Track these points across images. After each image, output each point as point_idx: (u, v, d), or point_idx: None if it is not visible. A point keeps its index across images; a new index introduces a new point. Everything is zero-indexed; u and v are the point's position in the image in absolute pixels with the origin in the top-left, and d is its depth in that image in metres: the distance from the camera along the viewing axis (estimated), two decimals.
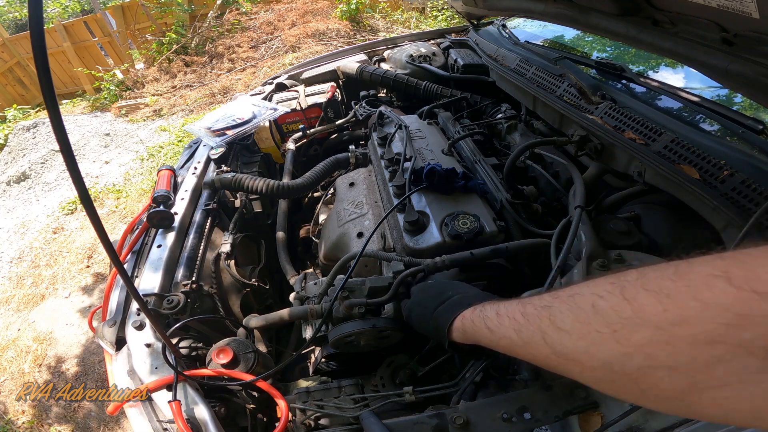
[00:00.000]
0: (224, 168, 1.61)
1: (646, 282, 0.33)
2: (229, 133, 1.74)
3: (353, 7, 6.74)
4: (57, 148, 3.93)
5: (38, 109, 7.50)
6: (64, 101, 7.67)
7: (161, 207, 1.36)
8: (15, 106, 7.36)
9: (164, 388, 0.90)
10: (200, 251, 1.33)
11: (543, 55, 1.67)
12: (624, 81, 1.43)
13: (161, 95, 6.51)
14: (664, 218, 1.07)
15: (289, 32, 6.74)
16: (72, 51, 7.73)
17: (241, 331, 1.20)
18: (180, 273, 1.22)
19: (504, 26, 2.14)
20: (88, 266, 3.48)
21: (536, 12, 1.52)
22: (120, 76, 7.26)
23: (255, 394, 1.03)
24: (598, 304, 0.36)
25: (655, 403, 0.32)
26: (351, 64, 2.26)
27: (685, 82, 1.38)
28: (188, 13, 7.19)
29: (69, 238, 3.90)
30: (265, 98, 2.08)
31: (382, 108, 1.78)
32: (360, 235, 1.22)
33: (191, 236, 1.34)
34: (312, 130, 1.95)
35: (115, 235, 3.55)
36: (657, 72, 1.52)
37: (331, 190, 1.56)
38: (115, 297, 1.13)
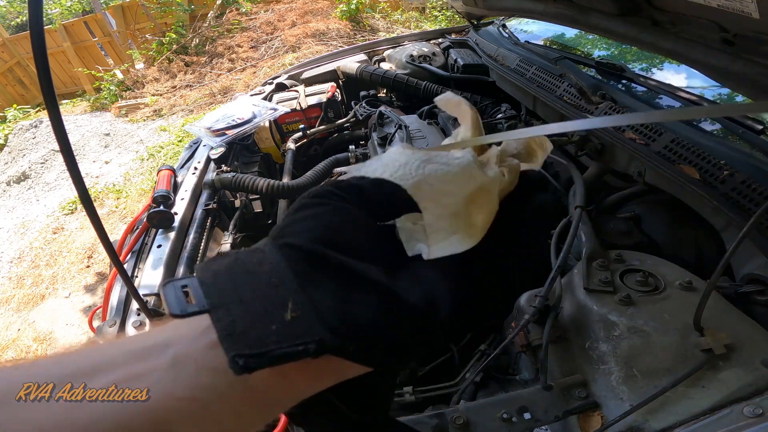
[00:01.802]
0: (224, 168, 1.61)
1: None
2: (229, 133, 1.74)
3: (353, 7, 6.73)
4: (57, 148, 3.93)
5: (38, 109, 7.50)
6: (64, 101, 7.67)
7: (161, 207, 1.36)
8: (15, 106, 7.36)
9: None
10: (200, 251, 1.33)
11: (543, 55, 1.67)
12: (624, 81, 1.43)
13: (161, 95, 6.51)
14: (664, 218, 1.07)
15: (289, 32, 6.73)
16: (72, 51, 7.73)
17: None
18: (180, 273, 1.22)
19: (504, 26, 2.14)
20: (88, 266, 3.48)
21: (536, 12, 1.52)
22: (120, 76, 7.25)
23: None
24: None
25: None
26: (351, 64, 2.26)
27: (685, 82, 1.38)
28: (188, 13, 7.18)
29: (69, 238, 3.89)
30: (265, 98, 2.08)
31: (382, 108, 1.78)
32: None
33: (191, 236, 1.34)
34: (312, 130, 1.95)
35: (115, 235, 3.55)
36: (657, 72, 1.52)
37: None
38: (115, 297, 1.13)
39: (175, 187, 1.53)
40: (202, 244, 1.36)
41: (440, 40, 2.45)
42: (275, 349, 0.19)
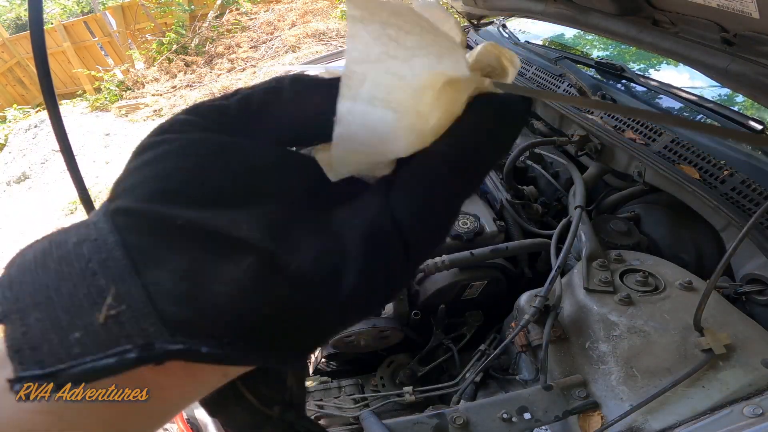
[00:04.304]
0: None
1: None
2: None
3: None
4: (57, 148, 3.93)
5: (38, 109, 7.50)
6: (64, 101, 7.66)
7: None
8: (15, 106, 7.36)
9: None
10: None
11: (543, 55, 1.67)
12: (624, 81, 1.43)
13: (161, 95, 6.51)
14: (664, 218, 1.08)
15: (289, 32, 6.73)
16: (72, 51, 7.72)
17: None
18: None
19: (504, 26, 2.14)
20: None
21: (536, 12, 1.52)
22: (120, 76, 7.25)
23: None
24: None
25: None
26: None
27: (685, 82, 1.38)
28: (188, 13, 7.18)
29: None
30: None
31: None
32: None
33: None
34: None
35: None
36: (657, 72, 1.52)
37: None
38: None
39: None
40: None
41: None
42: (74, 365, 0.14)
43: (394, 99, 0.16)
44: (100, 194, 4.40)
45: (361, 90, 0.16)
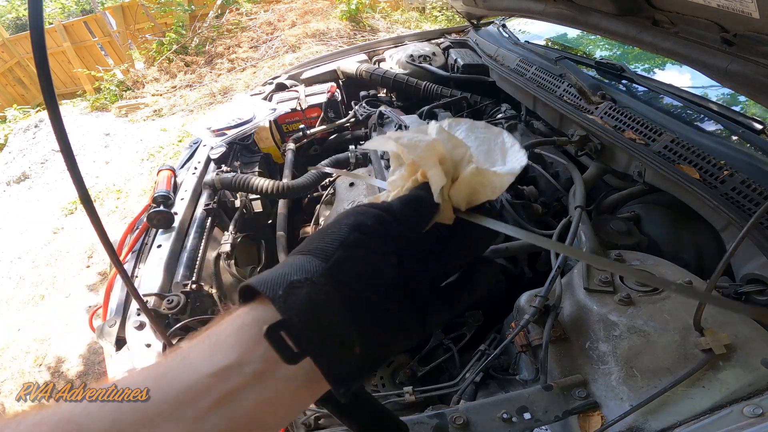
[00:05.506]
0: (224, 168, 1.61)
1: None
2: (229, 132, 1.74)
3: (353, 7, 6.73)
4: (57, 148, 3.92)
5: (38, 109, 7.49)
6: (64, 101, 7.66)
7: (161, 207, 1.36)
8: (15, 106, 7.36)
9: None
10: (200, 251, 1.33)
11: (543, 55, 1.67)
12: (624, 81, 1.43)
13: (161, 95, 6.50)
14: (664, 218, 1.08)
15: (289, 32, 6.73)
16: (72, 51, 7.72)
17: None
18: (180, 273, 1.22)
19: (504, 26, 2.14)
20: (88, 266, 3.48)
21: (536, 12, 1.52)
22: (120, 76, 7.25)
23: None
24: None
25: None
26: (351, 64, 2.26)
27: (686, 82, 1.38)
28: (188, 13, 7.18)
29: (69, 238, 3.89)
30: (265, 98, 2.08)
31: (382, 108, 1.78)
32: None
33: (191, 236, 1.34)
34: (312, 130, 1.95)
35: (115, 236, 3.54)
36: (657, 72, 1.52)
37: (331, 190, 1.56)
38: (116, 297, 1.13)
39: (175, 187, 1.53)
40: (202, 244, 1.36)
41: (440, 40, 2.45)
42: (359, 380, 0.29)
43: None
44: (100, 194, 4.40)
45: None
